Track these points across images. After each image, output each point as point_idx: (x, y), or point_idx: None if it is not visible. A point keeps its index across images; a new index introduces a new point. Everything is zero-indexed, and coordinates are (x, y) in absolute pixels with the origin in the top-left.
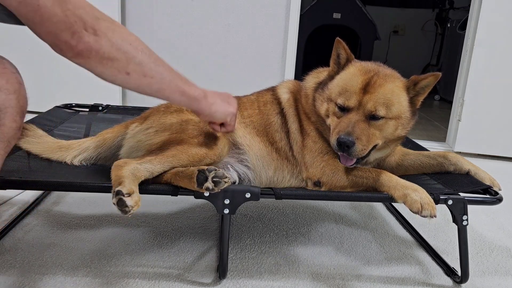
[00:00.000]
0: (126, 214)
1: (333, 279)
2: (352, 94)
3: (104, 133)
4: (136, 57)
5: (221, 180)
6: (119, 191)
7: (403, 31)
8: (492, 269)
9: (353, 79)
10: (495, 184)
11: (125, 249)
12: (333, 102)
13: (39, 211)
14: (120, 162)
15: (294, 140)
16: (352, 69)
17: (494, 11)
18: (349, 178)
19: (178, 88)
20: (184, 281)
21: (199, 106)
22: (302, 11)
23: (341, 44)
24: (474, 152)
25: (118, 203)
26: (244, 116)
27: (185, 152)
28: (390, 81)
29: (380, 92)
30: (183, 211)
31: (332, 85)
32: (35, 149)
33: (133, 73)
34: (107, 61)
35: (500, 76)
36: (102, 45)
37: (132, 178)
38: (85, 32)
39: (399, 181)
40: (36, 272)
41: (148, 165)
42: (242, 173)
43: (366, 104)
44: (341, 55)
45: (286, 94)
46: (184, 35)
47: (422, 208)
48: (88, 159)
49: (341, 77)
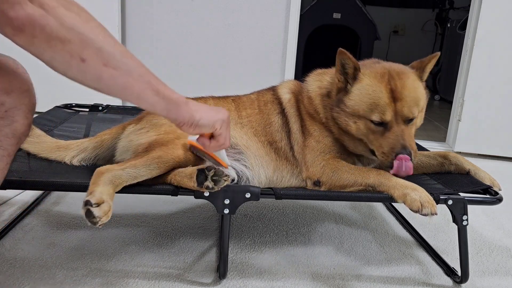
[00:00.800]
0: (95, 225)
1: (333, 279)
2: (385, 107)
3: (102, 134)
4: (95, 41)
5: (221, 178)
6: (88, 201)
7: (403, 31)
8: (492, 269)
9: (377, 90)
10: (495, 184)
11: (125, 249)
12: (365, 118)
13: (39, 211)
14: (102, 168)
15: (295, 140)
16: (367, 80)
17: (494, 11)
18: (348, 178)
19: (151, 86)
20: (184, 281)
21: (179, 111)
22: (302, 11)
23: (345, 54)
24: (474, 152)
25: (86, 213)
26: (242, 116)
27: (170, 154)
28: (407, 78)
29: (408, 95)
30: (183, 211)
31: (353, 100)
32: (33, 149)
33: (90, 60)
34: (56, 42)
35: (500, 76)
36: (50, 21)
37: (107, 187)
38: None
39: (398, 180)
40: (36, 272)
41: (131, 170)
42: (240, 170)
43: (401, 111)
44: (347, 65)
45: (287, 94)
46: (184, 35)
47: (422, 207)
48: (87, 159)
49: (360, 91)
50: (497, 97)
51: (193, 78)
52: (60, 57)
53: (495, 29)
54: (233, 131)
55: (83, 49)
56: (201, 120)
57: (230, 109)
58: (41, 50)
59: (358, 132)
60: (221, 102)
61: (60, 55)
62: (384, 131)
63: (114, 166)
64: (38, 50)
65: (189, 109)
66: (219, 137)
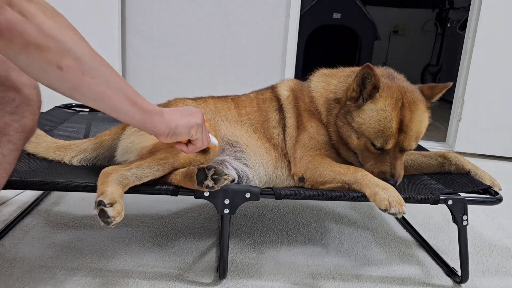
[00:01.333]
0: (109, 225)
1: (333, 279)
2: (390, 137)
3: (102, 135)
4: (73, 49)
5: (221, 177)
6: (101, 201)
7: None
8: (492, 269)
9: (388, 119)
10: (495, 184)
11: (125, 249)
12: (367, 139)
13: (39, 211)
14: (108, 169)
15: (288, 135)
16: (381, 104)
17: (494, 11)
18: (328, 174)
19: (127, 96)
20: (184, 281)
21: (155, 123)
22: (302, 11)
23: (372, 70)
24: (474, 152)
25: (100, 214)
26: (242, 114)
27: (175, 155)
28: (417, 110)
29: (412, 129)
30: (183, 211)
31: (363, 120)
32: (33, 149)
33: (68, 68)
34: (34, 50)
35: (500, 76)
36: (29, 28)
37: (117, 187)
38: (8, 9)
39: (372, 179)
40: (36, 272)
41: (136, 170)
42: (241, 170)
43: (402, 142)
44: (368, 81)
45: (286, 91)
46: (184, 35)
47: (390, 206)
48: (87, 160)
49: (372, 113)
50: (497, 97)
51: (193, 78)
52: (37, 64)
53: (495, 29)
54: (233, 129)
55: (62, 58)
56: (177, 129)
57: (230, 108)
58: (18, 56)
59: (357, 147)
60: (220, 101)
61: (38, 62)
62: (380, 154)
63: (120, 167)
64: (14, 54)
65: (164, 120)
66: (196, 141)
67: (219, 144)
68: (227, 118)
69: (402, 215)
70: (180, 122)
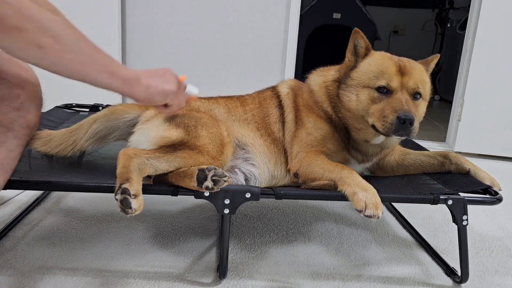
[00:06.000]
0: (126, 214)
1: (333, 279)
2: (392, 75)
3: (115, 105)
4: (51, 28)
5: (220, 179)
6: (126, 189)
7: (403, 31)
8: (492, 269)
9: (386, 62)
10: (495, 184)
11: (125, 249)
12: (369, 87)
13: (39, 211)
14: (129, 151)
15: (287, 129)
16: (377, 55)
17: (494, 11)
18: (318, 171)
19: (106, 68)
20: (184, 281)
21: (133, 90)
22: (302, 11)
23: (359, 34)
24: (474, 152)
25: (122, 201)
26: (246, 111)
27: (194, 158)
28: (417, 64)
29: (416, 73)
30: (183, 211)
31: (360, 72)
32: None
33: (47, 47)
34: (14, 32)
35: (500, 76)
36: (6, 11)
37: (139, 175)
38: None
39: (356, 179)
40: (36, 272)
41: (154, 161)
42: (248, 173)
43: (407, 83)
44: (359, 46)
45: (286, 89)
46: (184, 35)
47: (366, 207)
48: (98, 132)
49: (369, 62)
50: (497, 97)
51: (193, 78)
52: (18, 45)
53: (495, 29)
54: (242, 129)
55: (40, 37)
56: (154, 96)
57: (237, 106)
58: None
59: (358, 105)
60: (229, 100)
61: (18, 44)
62: (389, 99)
63: (141, 152)
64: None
65: (141, 86)
66: (172, 106)
67: (229, 140)
68: (237, 118)
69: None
70: (156, 90)
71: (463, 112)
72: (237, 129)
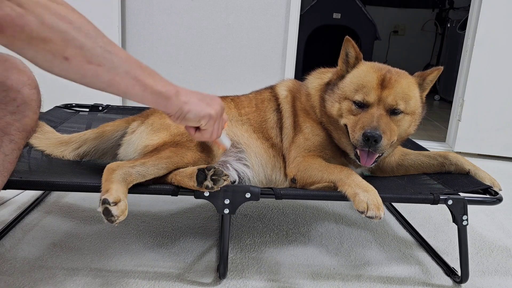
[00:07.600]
0: (112, 223)
1: (333, 279)
2: (371, 89)
3: (104, 125)
4: (77, 39)
5: (220, 178)
6: (105, 199)
7: (403, 31)
8: (492, 269)
9: (369, 75)
10: (495, 184)
11: (125, 249)
12: (349, 100)
13: (39, 211)
14: (113, 165)
15: (285, 135)
16: (364, 67)
17: (494, 11)
18: (316, 174)
19: (137, 81)
20: (184, 281)
21: (168, 105)
22: (302, 11)
23: (350, 42)
24: (474, 152)
25: (104, 212)
26: (241, 114)
27: (180, 155)
28: (404, 77)
29: (398, 87)
30: (183, 211)
31: (345, 83)
32: (39, 144)
33: (73, 59)
34: (38, 42)
35: (500, 76)
36: (29, 21)
37: (121, 184)
38: (6, 2)
39: (356, 180)
40: (36, 272)
41: (140, 168)
42: (241, 171)
43: (386, 98)
44: (350, 54)
45: (284, 91)
46: (184, 35)
47: (368, 209)
48: (88, 152)
49: (353, 75)
50: (497, 97)
51: (193, 78)
52: (43, 56)
53: (495, 29)
54: (234, 129)
55: (66, 48)
56: (188, 114)
57: (230, 107)
58: (23, 50)
59: (338, 112)
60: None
61: (43, 55)
62: (364, 113)
63: (124, 163)
64: (19, 49)
65: (179, 102)
66: (204, 131)
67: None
68: (230, 118)
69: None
70: (194, 107)
71: (463, 112)
72: (228, 128)
